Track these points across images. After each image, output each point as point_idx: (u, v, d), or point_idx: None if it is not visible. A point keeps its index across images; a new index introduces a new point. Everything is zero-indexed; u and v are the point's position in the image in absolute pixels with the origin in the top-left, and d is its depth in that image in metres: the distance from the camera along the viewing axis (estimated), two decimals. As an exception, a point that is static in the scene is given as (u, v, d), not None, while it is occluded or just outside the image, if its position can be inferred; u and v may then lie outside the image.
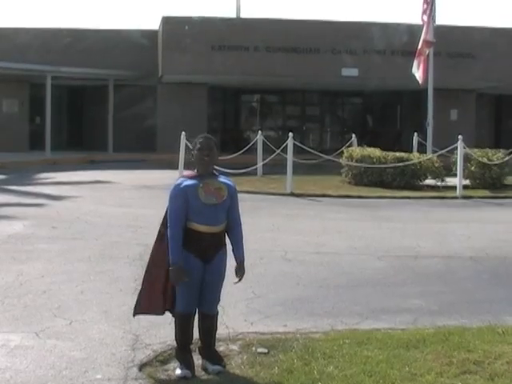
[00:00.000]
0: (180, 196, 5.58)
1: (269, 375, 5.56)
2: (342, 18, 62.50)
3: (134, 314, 5.98)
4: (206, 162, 5.67)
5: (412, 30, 27.09)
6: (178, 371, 5.62)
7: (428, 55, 22.25)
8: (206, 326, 5.80)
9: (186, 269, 5.55)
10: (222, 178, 5.76)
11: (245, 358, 6.00)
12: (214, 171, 5.78)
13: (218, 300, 5.82)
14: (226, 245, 5.77)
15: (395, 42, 29.91)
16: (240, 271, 5.77)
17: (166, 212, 5.69)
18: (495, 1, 69.44)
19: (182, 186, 5.61)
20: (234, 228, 5.76)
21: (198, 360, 5.81)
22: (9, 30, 32.36)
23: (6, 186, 19.71)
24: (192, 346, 5.85)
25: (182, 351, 5.75)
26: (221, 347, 6.16)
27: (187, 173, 5.86)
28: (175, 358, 5.80)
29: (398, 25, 30.77)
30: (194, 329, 5.80)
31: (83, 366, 5.74)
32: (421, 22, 22.61)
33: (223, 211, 5.65)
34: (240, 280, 5.81)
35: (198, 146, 5.68)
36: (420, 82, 22.51)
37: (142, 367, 5.78)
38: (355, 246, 11.53)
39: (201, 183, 5.61)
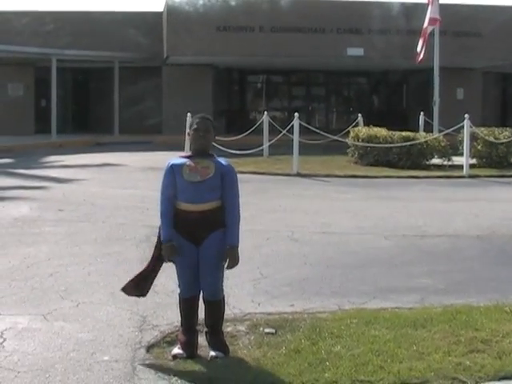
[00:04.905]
0: (167, 174, 5.58)
1: (276, 355, 5.53)
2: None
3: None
4: (200, 142, 5.59)
5: (418, 9, 26.95)
6: (174, 350, 5.62)
7: (433, 34, 22.13)
8: (207, 311, 5.71)
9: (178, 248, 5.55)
10: (218, 159, 5.63)
11: (252, 338, 5.97)
12: (212, 153, 5.66)
13: (217, 285, 5.62)
14: (224, 226, 5.54)
15: (401, 20, 29.76)
16: (230, 256, 5.52)
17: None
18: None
19: (170, 164, 5.60)
20: (226, 209, 5.55)
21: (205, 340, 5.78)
22: (13, 14, 32.25)
23: (12, 169, 19.75)
24: (199, 327, 5.81)
25: (184, 332, 5.72)
26: (228, 328, 6.13)
27: (184, 153, 5.80)
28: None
29: (404, 3, 30.61)
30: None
31: (91, 348, 5.72)
32: (426, 1, 22.50)
33: (210, 189, 5.48)
34: (230, 267, 5.57)
35: (194, 126, 5.60)
36: (418, 60, 22.43)
37: (149, 348, 5.75)
38: (362, 225, 11.49)
39: (189, 161, 5.55)
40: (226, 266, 5.58)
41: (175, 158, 5.70)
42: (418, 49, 22.46)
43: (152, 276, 5.84)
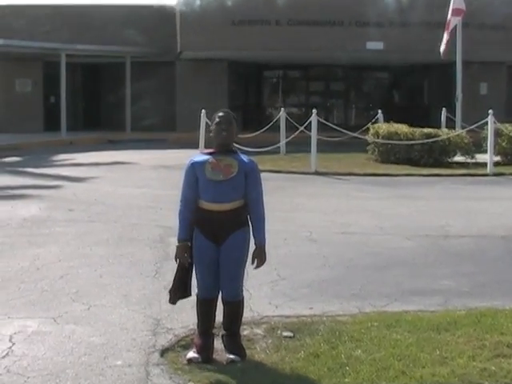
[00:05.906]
0: (188, 172, 5.51)
1: (294, 360, 5.48)
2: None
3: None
4: (223, 137, 5.48)
5: (439, 1, 26.65)
6: (189, 354, 5.53)
7: (456, 27, 21.91)
8: (225, 312, 5.66)
9: (198, 250, 5.48)
10: (241, 156, 5.54)
11: (270, 342, 5.92)
12: (234, 149, 5.59)
13: (236, 285, 5.58)
14: (246, 226, 5.54)
15: (422, 13, 29.43)
16: (258, 256, 5.51)
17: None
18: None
19: (192, 161, 5.53)
20: (251, 208, 5.51)
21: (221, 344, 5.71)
22: (21, 7, 32.18)
23: (21, 168, 19.78)
24: (215, 331, 5.75)
25: (200, 335, 5.63)
26: (245, 331, 6.07)
27: (207, 150, 5.72)
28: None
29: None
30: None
31: (103, 352, 5.67)
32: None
33: (233, 188, 5.42)
34: (258, 267, 5.55)
35: (217, 120, 5.53)
36: (442, 54, 22.24)
37: (163, 352, 5.70)
38: (383, 225, 11.41)
39: (211, 159, 5.46)
40: (253, 265, 5.55)
41: (197, 154, 5.67)
42: (443, 42, 22.21)
43: (187, 276, 5.70)
